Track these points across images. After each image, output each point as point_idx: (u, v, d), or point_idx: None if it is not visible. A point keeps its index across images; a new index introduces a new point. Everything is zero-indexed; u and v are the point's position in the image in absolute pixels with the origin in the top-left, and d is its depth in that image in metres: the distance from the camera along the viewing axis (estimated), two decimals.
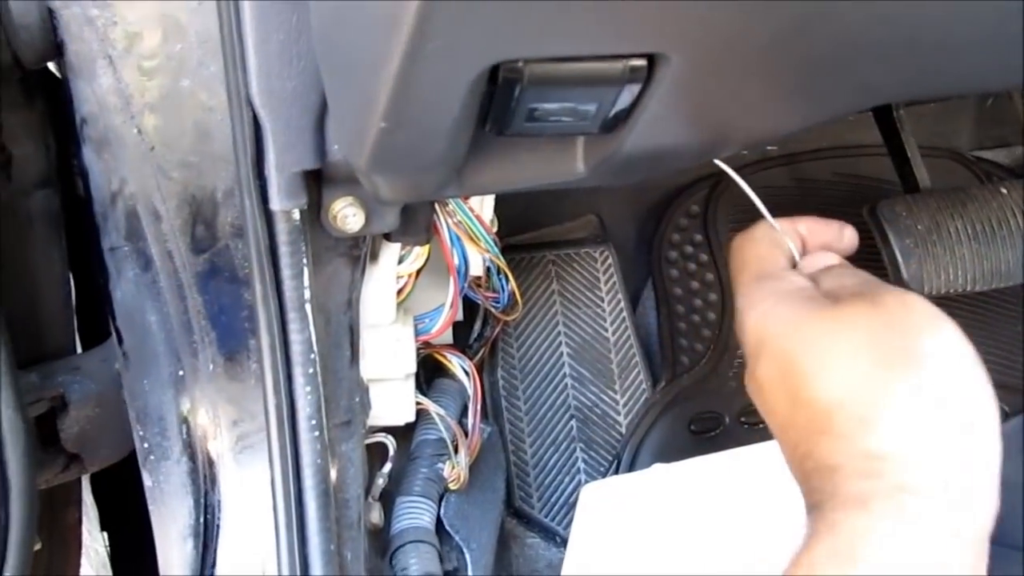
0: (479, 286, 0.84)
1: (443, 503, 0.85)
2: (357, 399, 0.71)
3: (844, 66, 0.52)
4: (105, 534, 0.97)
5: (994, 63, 0.57)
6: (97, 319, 0.86)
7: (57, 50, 0.62)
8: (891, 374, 0.54)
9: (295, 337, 0.63)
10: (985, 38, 0.53)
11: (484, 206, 0.77)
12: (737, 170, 1.24)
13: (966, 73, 0.60)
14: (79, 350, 0.84)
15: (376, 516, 0.81)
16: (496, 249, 0.76)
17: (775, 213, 1.22)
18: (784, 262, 0.68)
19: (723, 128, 0.56)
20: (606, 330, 1.10)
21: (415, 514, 0.82)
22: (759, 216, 1.23)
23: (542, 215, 1.15)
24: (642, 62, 0.48)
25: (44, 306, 0.77)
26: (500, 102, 0.49)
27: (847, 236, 0.72)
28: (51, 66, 0.71)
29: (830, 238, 0.71)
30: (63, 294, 0.79)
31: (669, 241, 1.19)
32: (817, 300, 0.60)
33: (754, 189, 1.25)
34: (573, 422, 1.06)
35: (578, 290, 1.11)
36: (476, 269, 0.79)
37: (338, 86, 0.51)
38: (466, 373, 0.88)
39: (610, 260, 1.13)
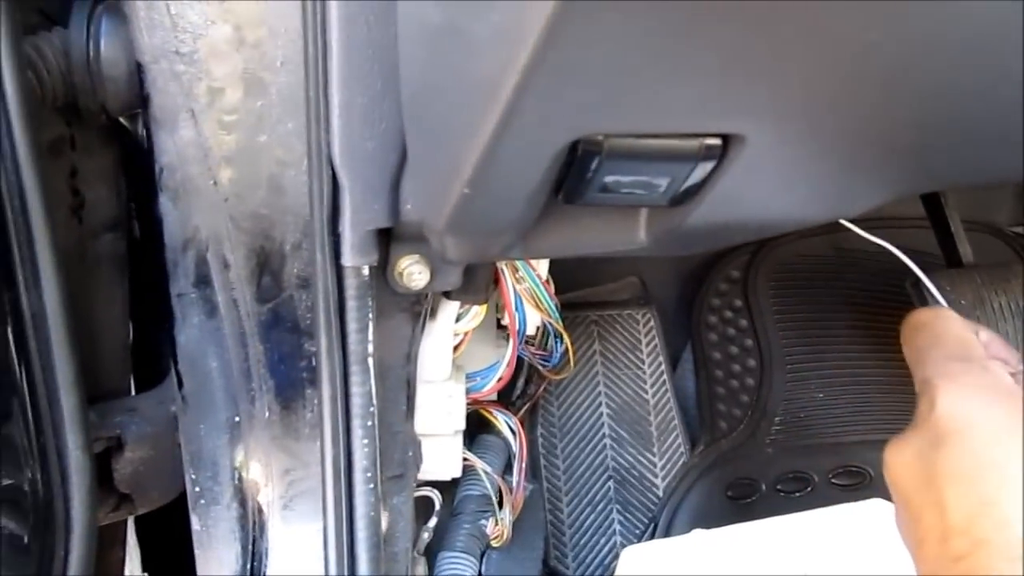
0: (528, 343, 0.85)
1: (484, 559, 0.85)
2: (410, 453, 0.72)
3: (913, 152, 0.53)
4: (146, 575, 0.97)
5: None
6: (150, 361, 0.87)
7: (142, 102, 0.65)
8: None
9: (356, 390, 0.64)
10: None
11: (540, 264, 0.78)
12: (775, 239, 1.25)
13: None
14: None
15: (421, 571, 0.81)
16: (557, 314, 0.77)
17: (817, 281, 1.24)
18: (983, 351, 0.62)
19: (790, 207, 0.57)
20: (646, 392, 1.11)
21: (457, 570, 0.82)
22: (800, 283, 1.24)
23: (585, 275, 1.16)
24: (718, 140, 0.49)
25: (104, 346, 0.78)
26: (576, 173, 0.51)
27: None
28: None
29: (1010, 360, 0.64)
30: (123, 335, 0.80)
31: (709, 306, 1.20)
32: None
33: (794, 258, 1.27)
34: (610, 483, 1.07)
35: (620, 351, 1.12)
36: (531, 329, 0.80)
37: (423, 152, 0.53)
38: (512, 430, 0.89)
39: (652, 323, 1.13)
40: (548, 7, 0.36)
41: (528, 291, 0.74)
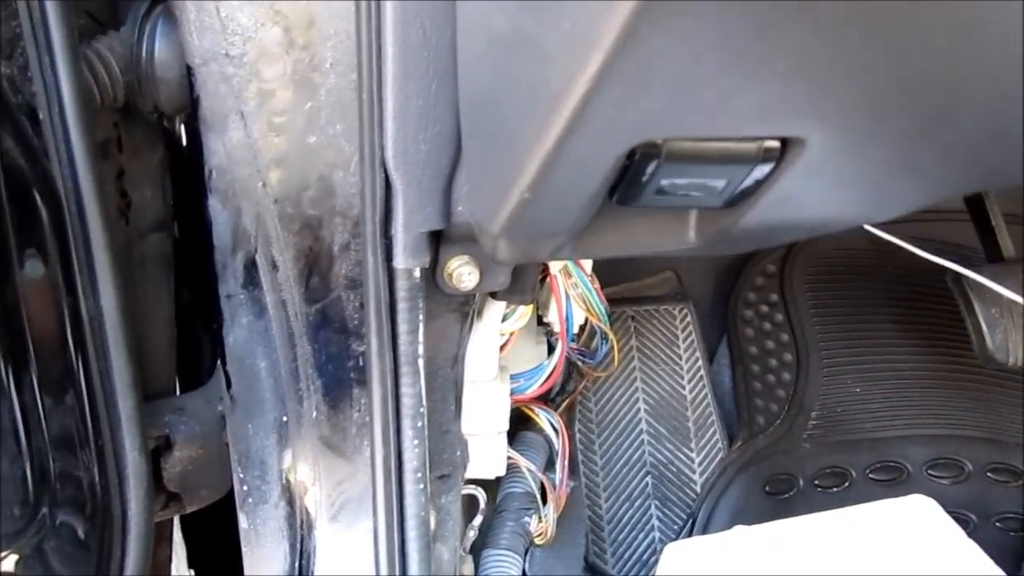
0: (572, 341, 0.85)
1: (528, 557, 0.85)
2: (458, 453, 0.72)
3: (975, 152, 0.52)
4: (192, 572, 0.98)
5: None
6: (192, 360, 0.88)
7: (192, 104, 0.65)
8: None
9: (406, 391, 0.64)
10: None
11: (585, 260, 0.78)
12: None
13: None
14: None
15: (468, 569, 0.82)
16: (607, 318, 0.77)
17: (854, 275, 1.23)
18: None
19: (844, 208, 0.57)
20: (683, 387, 1.11)
21: (503, 568, 0.82)
22: (837, 277, 1.23)
23: (621, 270, 1.16)
24: (776, 143, 0.49)
25: (152, 346, 0.79)
26: (633, 176, 0.51)
27: None
28: None
29: None
30: (169, 335, 0.81)
31: (745, 300, 1.20)
32: None
33: (832, 251, 1.26)
34: (649, 478, 1.07)
35: (657, 346, 1.12)
36: (575, 327, 0.80)
37: (482, 156, 0.53)
38: (554, 428, 0.89)
39: (689, 318, 1.13)
40: (622, 15, 0.36)
41: (580, 295, 0.74)
